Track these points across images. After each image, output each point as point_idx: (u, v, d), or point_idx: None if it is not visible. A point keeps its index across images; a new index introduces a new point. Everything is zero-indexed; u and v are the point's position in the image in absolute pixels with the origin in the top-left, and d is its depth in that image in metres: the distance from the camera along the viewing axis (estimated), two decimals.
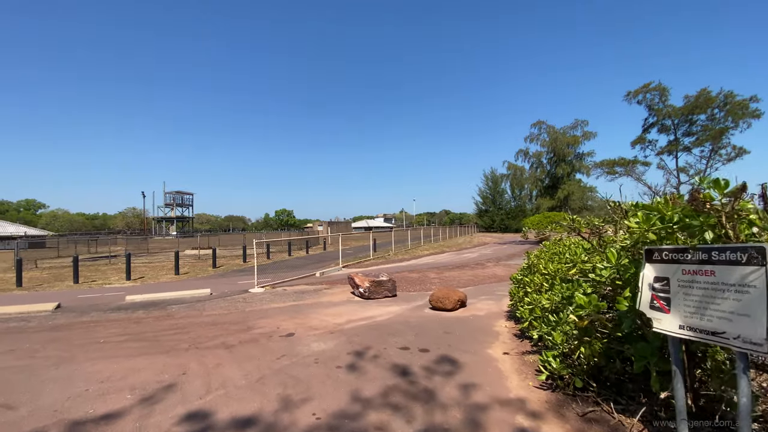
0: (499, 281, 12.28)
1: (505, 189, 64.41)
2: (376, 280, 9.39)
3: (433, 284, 11.65)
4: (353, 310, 8.31)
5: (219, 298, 10.10)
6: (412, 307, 8.47)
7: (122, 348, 5.98)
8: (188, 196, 72.77)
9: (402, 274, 14.05)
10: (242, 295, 10.41)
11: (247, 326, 7.15)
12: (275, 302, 9.42)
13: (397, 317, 7.55)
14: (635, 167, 24.60)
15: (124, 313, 8.58)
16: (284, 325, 7.15)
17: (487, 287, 11.18)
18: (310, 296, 10.10)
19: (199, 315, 8.24)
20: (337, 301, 9.32)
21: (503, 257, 20.53)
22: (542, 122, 30.18)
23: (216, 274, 15.70)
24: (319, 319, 7.55)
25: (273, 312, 8.31)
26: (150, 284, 13.42)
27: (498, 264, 17.16)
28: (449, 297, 7.95)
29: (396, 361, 5.08)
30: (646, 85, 25.15)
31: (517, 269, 13.92)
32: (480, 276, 13.37)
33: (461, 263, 17.71)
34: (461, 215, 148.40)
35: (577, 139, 27.53)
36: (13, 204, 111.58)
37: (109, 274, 15.72)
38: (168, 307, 9.09)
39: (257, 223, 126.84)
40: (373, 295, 9.33)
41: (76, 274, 13.89)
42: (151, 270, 17.02)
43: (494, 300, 9.23)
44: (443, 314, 7.74)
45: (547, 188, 30.07)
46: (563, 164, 27.96)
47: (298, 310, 8.37)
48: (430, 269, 15.51)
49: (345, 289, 11.04)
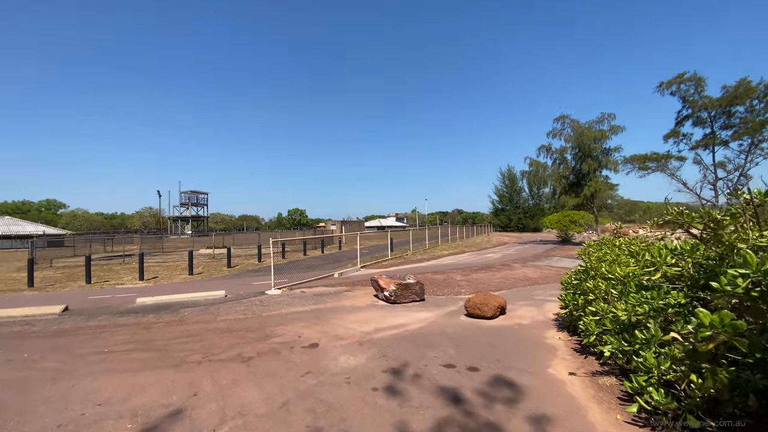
0: (533, 284, 11.33)
1: (522, 187, 63.04)
2: (403, 282, 8.58)
3: (461, 287, 10.78)
4: (380, 316, 7.52)
5: (234, 300, 9.45)
6: (445, 314, 7.63)
7: (128, 360, 5.33)
8: (203, 195, 73.27)
9: (425, 276, 13.20)
10: (258, 298, 9.74)
11: (265, 334, 6.43)
12: (294, 306, 8.71)
13: (431, 326, 6.73)
14: (669, 162, 23.17)
15: (134, 317, 7.99)
16: (306, 333, 6.41)
17: (523, 291, 10.25)
18: (330, 299, 9.36)
19: (212, 320, 7.58)
20: (361, 306, 8.55)
21: (529, 258, 19.46)
22: (566, 116, 28.81)
23: (231, 274, 15.16)
24: (344, 326, 6.79)
25: (292, 317, 7.58)
26: (163, 285, 12.91)
27: (526, 265, 16.16)
28: (488, 303, 7.09)
29: (442, 382, 4.26)
30: (681, 75, 23.65)
31: (551, 270, 12.76)
32: (510, 278, 12.43)
33: (486, 264, 16.76)
34: (474, 214, 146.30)
35: (604, 134, 26.09)
36: (35, 204, 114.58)
37: (123, 274, 15.34)
38: (180, 310, 8.48)
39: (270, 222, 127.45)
40: (399, 300, 8.53)
41: (88, 274, 13.50)
42: (165, 270, 16.60)
43: (536, 306, 8.32)
44: (482, 323, 6.89)
45: (572, 185, 28.64)
46: (589, 160, 26.52)
47: (320, 316, 7.63)
48: (453, 270, 14.63)
49: (367, 291, 10.27)
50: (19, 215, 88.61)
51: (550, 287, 10.79)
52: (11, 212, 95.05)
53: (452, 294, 9.82)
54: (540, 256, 20.43)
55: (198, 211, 72.09)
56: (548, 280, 12.08)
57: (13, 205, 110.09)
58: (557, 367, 4.76)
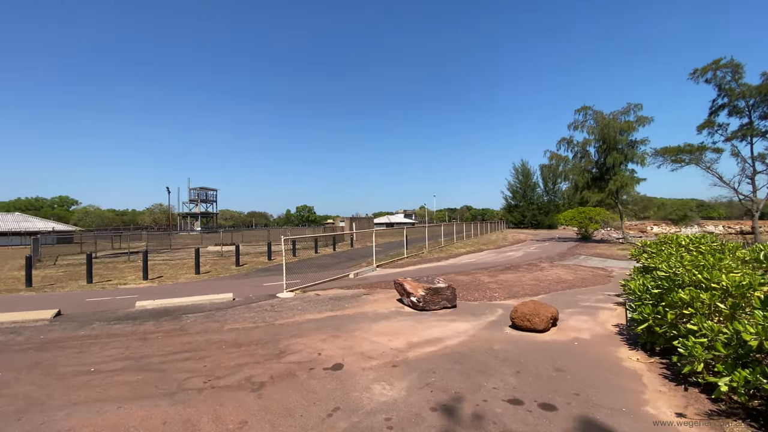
0: (570, 287, 10.21)
1: (537, 182, 61.31)
2: (433, 287, 7.55)
3: (493, 291, 9.71)
4: (409, 327, 6.50)
5: (243, 305, 8.52)
6: (486, 325, 6.58)
7: (115, 384, 4.40)
8: (212, 192, 72.93)
9: (449, 277, 12.15)
10: (269, 302, 8.80)
11: (279, 349, 5.46)
12: (309, 312, 7.74)
13: (474, 341, 5.69)
14: (704, 155, 21.65)
15: (131, 324, 7.09)
16: (326, 349, 5.43)
17: (564, 296, 9.15)
18: (349, 304, 8.38)
19: (218, 329, 6.64)
20: (385, 313, 7.55)
21: (554, 256, 18.26)
22: (588, 107, 27.31)
23: (239, 273, 14.29)
24: (370, 340, 5.79)
25: (308, 327, 6.61)
26: (167, 285, 12.08)
27: (554, 264, 14.99)
28: (539, 313, 6.03)
29: (514, 429, 3.23)
30: (716, 61, 22.06)
31: (585, 271, 11.66)
32: (544, 280, 11.31)
33: (510, 263, 15.63)
34: (484, 211, 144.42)
35: (632, 125, 24.57)
36: (48, 200, 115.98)
37: (126, 273, 14.58)
38: (182, 317, 7.57)
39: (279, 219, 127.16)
40: (428, 306, 7.51)
41: (89, 274, 12.73)
42: (170, 268, 15.82)
43: (587, 315, 7.22)
44: (534, 338, 5.83)
45: (595, 180, 27.16)
46: (615, 153, 25.00)
47: (340, 326, 6.65)
48: (477, 271, 13.55)
49: (389, 295, 9.27)
50: (32, 211, 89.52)
51: (592, 291, 9.66)
52: (24, 208, 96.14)
53: (485, 299, 8.76)
54: (565, 254, 19.20)
55: (207, 207, 71.82)
56: (586, 282, 10.94)
57: (26, 201, 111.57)
58: (656, 403, 3.70)
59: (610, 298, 8.71)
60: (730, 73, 21.72)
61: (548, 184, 59.04)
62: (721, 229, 60.26)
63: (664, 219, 73.48)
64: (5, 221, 42.66)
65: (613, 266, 14.37)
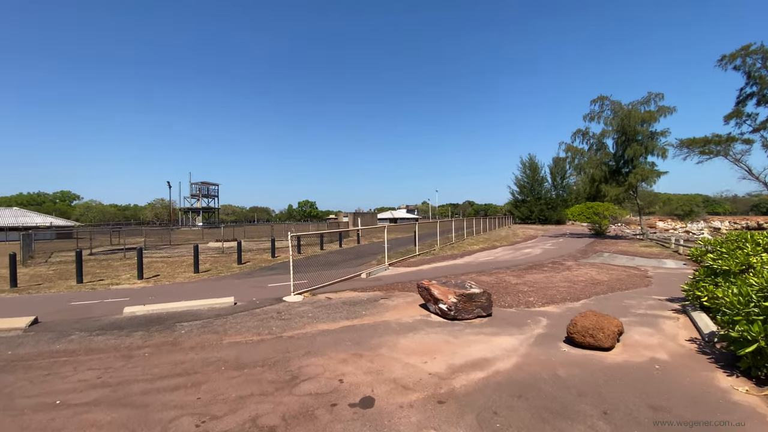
0: (612, 290, 9.14)
1: (545, 177, 59.99)
2: (466, 292, 6.50)
3: (526, 295, 8.67)
4: (444, 342, 5.47)
5: (245, 311, 7.51)
6: (534, 340, 5.54)
7: (81, 426, 3.39)
8: (214, 186, 71.87)
9: (470, 278, 11.11)
10: (275, 307, 7.79)
11: (290, 373, 4.45)
12: (322, 320, 6.72)
13: (530, 363, 4.65)
14: (732, 146, 20.42)
15: (116, 336, 6.09)
16: (349, 373, 4.40)
17: (609, 301, 8.09)
18: (366, 311, 7.36)
19: (217, 343, 5.64)
20: (410, 322, 6.52)
21: (576, 254, 17.16)
22: (605, 97, 26.02)
23: (241, 272, 13.29)
24: (401, 361, 4.76)
25: (324, 341, 5.59)
26: (163, 286, 11.09)
27: (580, 263, 13.91)
28: (603, 327, 4.98)
29: None
30: (746, 47, 20.74)
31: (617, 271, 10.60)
32: (576, 281, 10.26)
33: (532, 262, 14.56)
34: (486, 206, 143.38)
35: (653, 115, 23.29)
36: (50, 195, 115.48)
37: (121, 272, 13.62)
38: (176, 326, 6.56)
39: (281, 214, 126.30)
40: (461, 315, 6.47)
41: (79, 273, 11.76)
42: (168, 266, 14.85)
43: (649, 326, 6.16)
44: (602, 358, 4.78)
45: (612, 173, 25.97)
46: (635, 144, 23.72)
47: (360, 340, 5.62)
48: (499, 270, 12.50)
49: (409, 299, 8.25)
50: (34, 207, 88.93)
51: (637, 295, 8.60)
52: (26, 204, 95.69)
53: (521, 305, 7.71)
54: (586, 251, 18.09)
55: (209, 202, 70.85)
56: (625, 284, 9.87)
57: (28, 197, 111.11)
58: None
59: (663, 304, 7.65)
60: (761, 60, 20.42)
61: (557, 178, 57.74)
62: (727, 225, 58.87)
63: (669, 214, 72.12)
64: (3, 216, 41.89)
65: (644, 265, 13.29)
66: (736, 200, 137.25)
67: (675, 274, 11.43)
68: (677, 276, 11.01)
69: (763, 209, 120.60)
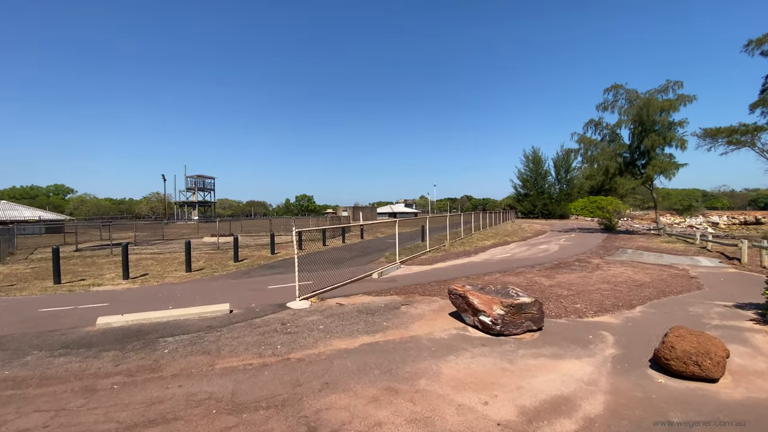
0: (661, 293, 8.01)
1: (549, 170, 58.76)
2: (515, 302, 5.32)
3: (570, 301, 7.52)
4: (499, 370, 4.31)
5: (243, 322, 6.32)
6: (611, 365, 4.38)
7: None
8: (210, 180, 70.16)
9: (494, 278, 9.98)
10: (279, 316, 6.60)
11: (306, 423, 3.26)
12: (337, 335, 5.55)
13: (627, 403, 3.48)
14: (759, 136, 19.28)
15: (82, 357, 4.89)
16: (386, 422, 3.22)
17: (667, 307, 6.96)
18: (387, 321, 6.18)
19: (208, 368, 4.45)
20: (445, 339, 5.35)
21: (597, 250, 16.03)
22: (619, 86, 24.79)
23: (238, 271, 12.09)
24: (453, 402, 3.59)
25: (343, 367, 4.41)
26: (150, 288, 9.88)
27: (608, 261, 12.78)
28: (710, 352, 3.83)
29: None
30: None
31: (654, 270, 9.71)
32: (617, 283, 9.12)
33: (555, 260, 13.43)
34: (485, 200, 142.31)
35: (673, 104, 22.10)
36: (43, 189, 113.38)
37: (105, 270, 12.39)
38: (159, 342, 5.37)
39: (278, 208, 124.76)
40: (507, 329, 5.30)
41: (57, 272, 10.50)
42: (158, 264, 13.61)
43: (740, 343, 5.02)
44: (714, 393, 3.63)
45: (627, 165, 24.83)
46: (653, 135, 22.55)
47: (391, 366, 4.45)
48: (524, 269, 11.37)
49: (434, 306, 7.08)
50: (27, 200, 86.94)
51: (694, 300, 7.46)
52: (19, 197, 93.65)
53: (570, 314, 6.56)
54: (607, 248, 16.96)
55: (205, 196, 69.21)
56: (672, 286, 8.74)
57: (21, 190, 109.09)
58: None
59: (736, 313, 6.52)
60: None
61: (560, 172, 56.59)
62: (726, 220, 58.08)
63: (668, 209, 71.44)
64: None
65: (678, 263, 12.17)
66: (733, 195, 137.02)
67: (720, 274, 10.33)
68: (725, 276, 9.91)
69: (761, 204, 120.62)
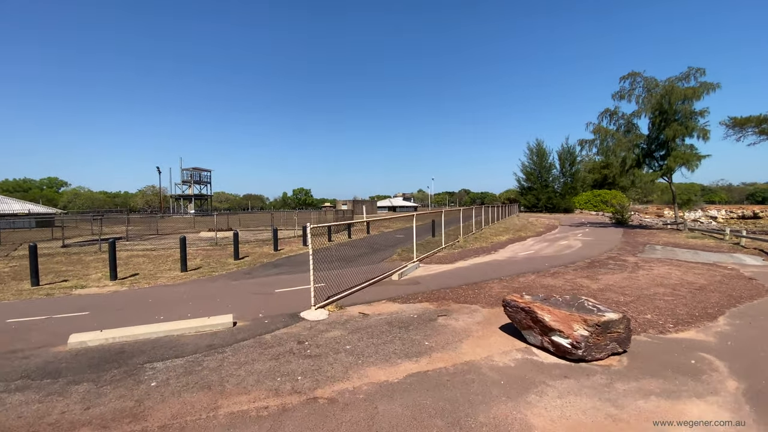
0: (735, 300, 6.91)
1: (553, 163, 57.57)
2: (600, 320, 4.17)
3: (636, 310, 6.40)
4: (604, 418, 3.17)
5: (251, 339, 5.16)
6: (754, 414, 3.26)
7: None
8: (206, 172, 68.43)
9: (529, 281, 8.86)
10: (293, 331, 5.45)
11: None
12: (370, 360, 4.40)
13: None
14: None
15: (43, 394, 3.73)
16: None
17: (756, 319, 5.84)
18: (429, 339, 5.04)
19: (209, 415, 3.29)
20: (510, 366, 4.22)
21: (623, 246, 14.91)
22: (637, 74, 23.56)
23: (239, 270, 10.91)
24: None
25: (392, 416, 3.27)
26: (140, 290, 8.70)
27: (645, 260, 11.67)
28: None
29: None
30: None
31: (705, 271, 9.51)
32: (673, 286, 8.02)
33: (585, 258, 12.31)
34: (483, 194, 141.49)
35: (697, 92, 20.95)
36: (36, 182, 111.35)
37: (91, 269, 11.19)
38: (145, 369, 4.20)
39: (276, 201, 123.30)
40: (590, 354, 4.17)
41: (34, 273, 9.28)
42: (151, 262, 12.41)
43: None
44: None
45: (646, 156, 23.70)
46: (674, 124, 21.44)
47: (456, 414, 3.31)
48: (557, 269, 10.27)
49: (477, 317, 5.95)
50: (20, 193, 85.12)
51: None
52: (12, 190, 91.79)
53: (647, 328, 5.41)
54: (633, 244, 15.87)
55: (201, 189, 67.58)
56: (737, 290, 7.65)
57: (14, 183, 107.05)
58: None
59: None
60: None
61: (565, 165, 55.44)
62: (724, 214, 57.32)
63: (667, 203, 70.86)
64: None
65: (721, 261, 11.08)
66: (731, 189, 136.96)
67: None
68: None
69: (758, 198, 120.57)
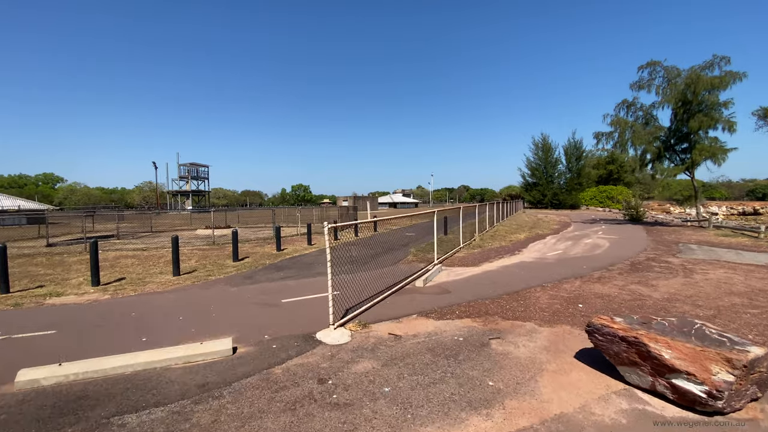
0: None
1: (559, 158, 56.30)
2: (747, 359, 2.97)
3: (722, 327, 5.22)
4: None
5: (256, 375, 3.96)
6: None
7: None
8: (203, 168, 66.94)
9: (576, 288, 7.68)
10: (310, 361, 4.25)
11: None
12: (422, 415, 3.21)
13: None
14: None
15: None
16: None
17: None
18: (491, 376, 3.86)
19: None
20: (617, 421, 3.02)
21: (654, 245, 13.72)
22: (656, 62, 22.31)
23: (239, 274, 9.71)
24: None
25: None
26: (125, 299, 7.49)
27: (690, 261, 10.48)
28: None
29: None
30: None
31: (759, 272, 7.20)
32: (744, 293, 6.87)
33: (622, 259, 11.12)
34: (483, 190, 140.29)
35: (724, 81, 19.75)
36: (32, 178, 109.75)
37: (73, 272, 9.98)
38: (109, 427, 2.99)
39: (274, 198, 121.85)
40: (730, 404, 2.98)
41: (4, 279, 8.06)
42: (140, 264, 11.19)
43: None
44: None
45: (667, 149, 22.49)
46: (700, 116, 20.24)
47: None
48: (603, 273, 9.10)
49: (539, 339, 4.76)
50: (15, 190, 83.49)
51: None
52: (7, 186, 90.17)
53: None
54: (663, 243, 14.69)
55: (198, 185, 66.11)
56: None
57: (9, 179, 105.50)
58: None
59: None
60: None
61: (571, 160, 54.21)
62: (724, 210, 56.21)
63: (668, 199, 69.90)
64: None
65: None
66: (731, 185, 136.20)
67: None
68: None
69: (758, 194, 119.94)
